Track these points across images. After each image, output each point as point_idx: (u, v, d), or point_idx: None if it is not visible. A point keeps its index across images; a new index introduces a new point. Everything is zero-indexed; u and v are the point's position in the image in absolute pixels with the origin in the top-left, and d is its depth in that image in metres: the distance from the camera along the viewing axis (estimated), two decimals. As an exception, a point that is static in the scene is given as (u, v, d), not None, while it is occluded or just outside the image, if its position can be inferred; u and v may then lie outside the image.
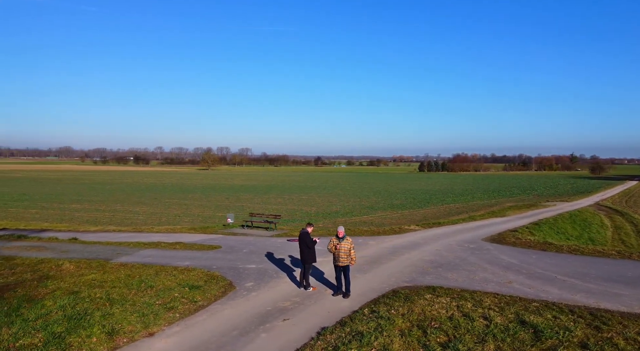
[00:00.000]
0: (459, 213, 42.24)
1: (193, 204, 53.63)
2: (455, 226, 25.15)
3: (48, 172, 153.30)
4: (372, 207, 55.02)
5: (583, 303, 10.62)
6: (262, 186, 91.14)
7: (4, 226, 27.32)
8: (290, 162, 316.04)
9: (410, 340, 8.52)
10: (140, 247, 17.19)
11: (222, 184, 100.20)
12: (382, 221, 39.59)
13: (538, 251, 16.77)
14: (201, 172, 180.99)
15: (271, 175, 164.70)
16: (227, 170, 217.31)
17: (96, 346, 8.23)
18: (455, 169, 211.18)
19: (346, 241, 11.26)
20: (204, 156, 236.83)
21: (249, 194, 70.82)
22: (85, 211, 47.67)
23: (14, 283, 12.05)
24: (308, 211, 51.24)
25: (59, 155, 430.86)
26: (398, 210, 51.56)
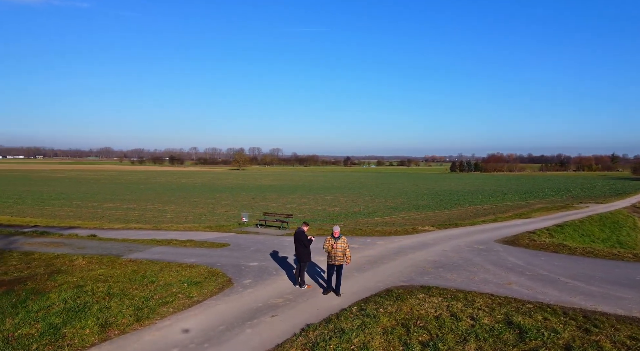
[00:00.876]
0: (485, 214, 41.36)
1: (219, 204, 54.72)
2: (473, 227, 24.69)
3: (87, 172, 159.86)
4: (396, 208, 54.56)
5: (580, 305, 10.43)
6: (288, 186, 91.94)
7: (35, 223, 28.79)
8: (320, 162, 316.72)
9: (392, 338, 8.56)
10: (152, 244, 17.79)
11: (250, 184, 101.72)
12: (404, 221, 39.25)
13: (549, 253, 16.41)
14: (232, 173, 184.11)
15: (299, 175, 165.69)
16: (257, 170, 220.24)
17: (88, 337, 8.62)
18: (488, 169, 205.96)
19: (342, 240, 11.34)
20: (235, 156, 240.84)
21: (274, 194, 71.57)
22: (117, 209, 49.44)
23: (27, 276, 12.69)
24: (331, 211, 51.29)
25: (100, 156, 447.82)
26: (422, 211, 50.91)
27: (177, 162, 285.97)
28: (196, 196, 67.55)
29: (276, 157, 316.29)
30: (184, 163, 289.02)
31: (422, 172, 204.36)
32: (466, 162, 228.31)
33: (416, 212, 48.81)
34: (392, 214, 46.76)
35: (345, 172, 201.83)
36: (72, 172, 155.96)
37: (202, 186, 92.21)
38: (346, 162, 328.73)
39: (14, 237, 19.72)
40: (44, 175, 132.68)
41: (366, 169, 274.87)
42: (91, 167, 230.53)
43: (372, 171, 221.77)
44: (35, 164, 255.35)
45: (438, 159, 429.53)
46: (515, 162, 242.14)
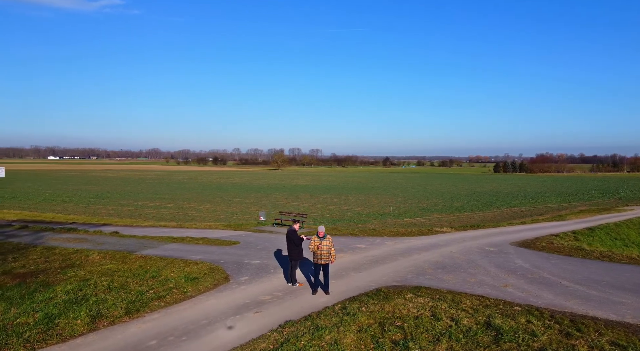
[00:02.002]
0: (520, 217, 39.99)
1: (253, 203, 55.83)
2: (495, 229, 24.03)
3: (134, 172, 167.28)
4: (429, 209, 53.63)
5: (571, 309, 10.19)
6: (323, 186, 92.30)
7: (73, 220, 30.63)
8: (358, 162, 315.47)
9: (365, 336, 8.63)
10: (167, 241, 18.51)
11: (285, 184, 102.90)
12: (432, 223, 38.62)
13: (562, 256, 15.95)
14: (270, 173, 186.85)
15: (335, 175, 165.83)
16: (296, 170, 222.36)
17: (78, 327, 9.13)
18: (534, 170, 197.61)
19: (327, 240, 11.48)
20: (274, 157, 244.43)
21: (307, 194, 72.12)
22: (155, 207, 51.48)
23: (41, 269, 13.49)
24: (360, 211, 51.16)
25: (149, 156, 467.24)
26: (456, 212, 49.84)
27: (219, 162, 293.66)
28: (232, 196, 69.16)
29: (315, 157, 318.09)
30: (226, 164, 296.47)
31: (464, 173, 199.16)
32: (510, 163, 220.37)
33: (449, 213, 47.86)
34: (423, 215, 46.03)
35: (382, 173, 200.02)
36: (121, 173, 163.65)
37: (239, 186, 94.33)
38: (385, 163, 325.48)
39: (43, 233, 20.97)
40: (94, 175, 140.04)
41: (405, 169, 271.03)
42: (139, 167, 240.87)
43: (411, 172, 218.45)
44: (88, 165, 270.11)
45: (482, 160, 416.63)
46: (564, 163, 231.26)
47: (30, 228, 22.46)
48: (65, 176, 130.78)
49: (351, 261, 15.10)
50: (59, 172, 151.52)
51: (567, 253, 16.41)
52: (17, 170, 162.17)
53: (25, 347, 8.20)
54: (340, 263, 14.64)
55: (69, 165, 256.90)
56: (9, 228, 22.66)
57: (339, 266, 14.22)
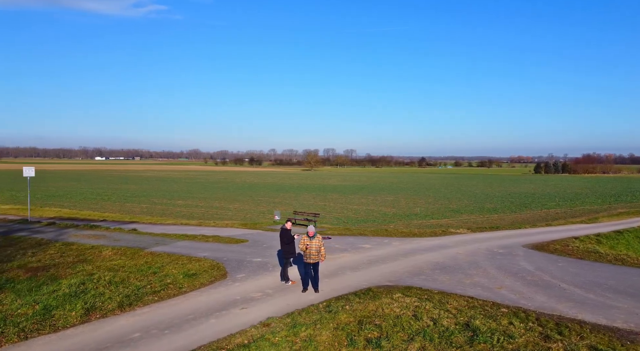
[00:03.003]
0: (553, 219, 38.62)
1: (281, 202, 56.45)
2: (514, 231, 23.49)
3: (173, 172, 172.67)
4: (458, 210, 52.57)
5: (560, 312, 10.04)
6: (353, 187, 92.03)
7: (104, 218, 32.06)
8: (393, 163, 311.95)
9: (340, 333, 8.74)
10: (180, 239, 19.08)
11: (316, 184, 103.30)
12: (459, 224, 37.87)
13: (572, 259, 15.59)
14: (303, 173, 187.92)
15: (367, 176, 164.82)
16: (328, 171, 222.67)
17: (72, 319, 9.62)
18: (577, 170, 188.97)
19: (316, 239, 11.59)
20: (307, 157, 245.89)
21: (336, 194, 72.15)
22: (187, 206, 52.97)
23: (54, 264, 14.17)
24: (387, 212, 50.76)
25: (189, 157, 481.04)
26: (486, 214, 48.61)
27: (255, 163, 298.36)
28: (261, 195, 70.14)
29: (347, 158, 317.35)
30: (261, 164, 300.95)
31: (503, 174, 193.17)
32: (552, 163, 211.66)
33: (478, 215, 46.76)
34: (452, 216, 45.17)
35: (416, 174, 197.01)
36: (161, 172, 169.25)
37: (270, 186, 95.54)
38: (421, 163, 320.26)
39: (67, 229, 21.98)
40: (135, 175, 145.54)
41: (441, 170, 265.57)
42: (178, 167, 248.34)
43: (447, 172, 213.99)
44: (131, 165, 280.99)
45: (524, 160, 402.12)
46: (611, 163, 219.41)
47: (57, 224, 23.71)
48: (108, 175, 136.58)
49: (351, 260, 15.13)
50: (102, 172, 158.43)
51: (578, 256, 16.01)
52: (65, 170, 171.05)
53: (19, 336, 8.75)
54: (339, 262, 14.70)
55: (113, 165, 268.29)
56: (37, 224, 24.02)
57: (337, 265, 14.31)
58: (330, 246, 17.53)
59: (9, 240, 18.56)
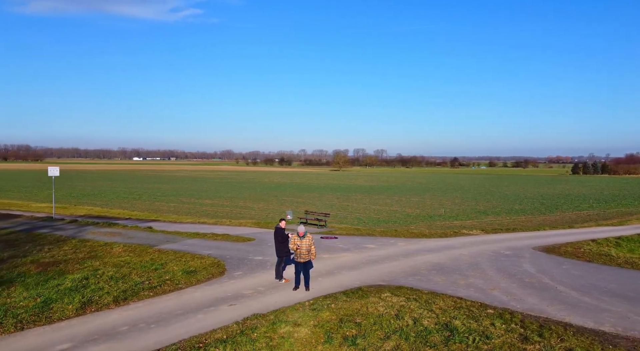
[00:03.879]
0: (583, 221, 37.37)
1: (304, 202, 56.76)
2: (531, 232, 23.26)
3: (205, 172, 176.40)
4: (485, 212, 51.46)
5: (548, 314, 9.98)
6: (379, 187, 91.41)
7: (129, 216, 33.23)
8: (424, 163, 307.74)
9: (320, 330, 8.93)
10: (190, 237, 19.57)
11: (342, 185, 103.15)
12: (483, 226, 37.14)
13: (579, 262, 15.35)
14: (331, 173, 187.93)
15: (396, 176, 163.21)
16: (357, 171, 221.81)
17: (68, 312, 10.07)
18: (618, 171, 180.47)
19: (307, 239, 11.74)
20: (335, 157, 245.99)
21: (360, 195, 71.88)
22: (213, 205, 54.03)
23: (65, 260, 14.78)
24: (410, 213, 50.20)
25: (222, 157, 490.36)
26: (513, 216, 47.39)
27: (285, 163, 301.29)
28: (286, 195, 70.67)
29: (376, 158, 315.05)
30: (291, 164, 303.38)
31: (538, 174, 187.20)
32: (591, 164, 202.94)
33: (505, 216, 45.65)
34: (477, 218, 44.26)
35: (447, 174, 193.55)
36: (193, 172, 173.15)
37: (296, 186, 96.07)
38: (453, 164, 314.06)
39: (86, 227, 22.86)
40: (169, 175, 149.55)
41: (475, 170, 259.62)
42: (210, 167, 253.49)
43: (479, 173, 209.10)
44: (166, 165, 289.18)
45: (563, 160, 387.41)
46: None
47: (78, 222, 24.75)
48: (142, 175, 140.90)
49: (351, 260, 15.19)
50: (138, 172, 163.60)
51: (587, 259, 15.74)
52: (104, 170, 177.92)
53: (16, 326, 9.25)
54: (338, 261, 14.82)
55: (149, 165, 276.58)
56: (60, 222, 25.14)
57: (335, 264, 14.44)
58: (333, 246, 17.61)
59: (31, 237, 19.54)
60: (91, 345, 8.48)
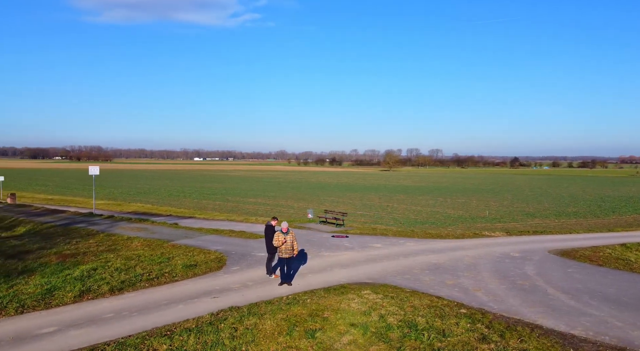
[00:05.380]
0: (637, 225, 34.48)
1: (343, 202, 56.87)
2: (557, 236, 22.99)
3: (257, 172, 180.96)
4: (533, 214, 49.18)
5: (522, 316, 9.90)
6: (426, 188, 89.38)
7: (169, 213, 35.04)
8: (481, 163, 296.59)
9: (285, 324, 9.27)
10: (208, 233, 20.35)
11: (388, 185, 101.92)
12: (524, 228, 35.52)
13: (590, 266, 14.91)
14: (380, 173, 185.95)
15: (448, 177, 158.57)
16: (407, 171, 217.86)
17: (66, 299, 10.90)
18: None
19: (290, 235, 12.06)
20: (385, 157, 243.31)
21: (404, 195, 70.83)
22: (255, 204, 55.48)
23: (84, 252, 15.83)
24: (451, 214, 48.97)
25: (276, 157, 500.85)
26: (563, 218, 44.93)
27: (335, 163, 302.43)
28: (328, 195, 71.04)
29: (432, 158, 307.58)
30: (341, 164, 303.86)
31: (604, 175, 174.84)
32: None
33: (553, 219, 43.41)
34: (522, 220, 42.40)
35: (505, 175, 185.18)
36: (246, 172, 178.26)
37: (341, 186, 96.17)
38: (513, 164, 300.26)
39: (118, 222, 24.27)
40: (222, 174, 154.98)
41: (535, 171, 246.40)
42: (263, 167, 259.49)
43: (540, 174, 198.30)
44: (223, 165, 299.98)
45: (637, 160, 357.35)
46: None
47: (114, 218, 26.40)
48: (198, 175, 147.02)
49: (349, 258, 15.32)
50: (195, 172, 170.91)
51: (600, 263, 15.24)
52: (164, 169, 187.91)
53: (16, 310, 10.18)
54: (336, 259, 15.06)
55: (207, 165, 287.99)
56: (98, 217, 26.93)
57: (331, 262, 14.70)
58: (338, 245, 17.73)
59: (66, 231, 21.15)
60: (73, 329, 9.21)
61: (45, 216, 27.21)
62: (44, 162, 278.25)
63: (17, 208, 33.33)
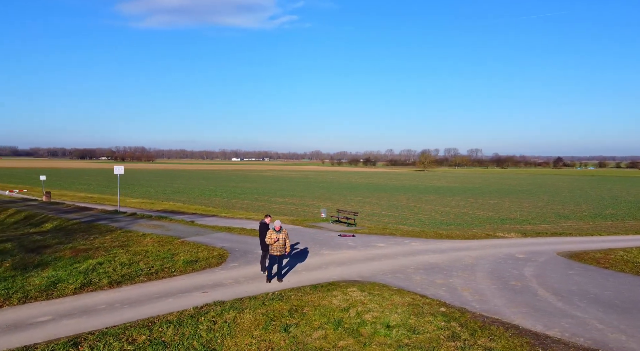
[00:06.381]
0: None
1: (370, 202, 56.63)
2: (576, 238, 22.14)
3: (290, 172, 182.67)
4: (567, 216, 47.45)
5: (501, 316, 9.87)
6: (459, 188, 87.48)
7: (195, 211, 36.11)
8: (522, 163, 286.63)
9: (263, 318, 9.54)
10: (220, 231, 20.81)
11: (420, 185, 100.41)
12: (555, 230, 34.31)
13: (595, 268, 14.63)
14: (414, 174, 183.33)
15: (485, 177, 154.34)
16: (443, 171, 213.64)
17: (67, 291, 11.47)
18: None
19: (282, 233, 12.27)
20: (420, 157, 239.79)
21: (434, 196, 69.70)
22: (282, 203, 56.10)
23: (97, 247, 16.52)
24: (480, 215, 47.92)
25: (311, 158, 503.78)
26: (598, 221, 43.23)
27: (370, 163, 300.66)
28: (356, 195, 70.83)
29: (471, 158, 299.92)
30: (375, 164, 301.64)
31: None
32: None
33: (587, 221, 41.75)
34: (554, 222, 41.02)
35: (546, 175, 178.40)
36: (279, 172, 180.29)
37: (372, 186, 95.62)
38: (556, 164, 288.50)
39: (139, 219, 25.07)
40: (257, 174, 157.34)
41: (579, 171, 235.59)
42: (297, 167, 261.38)
43: (585, 174, 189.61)
44: (259, 165, 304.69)
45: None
46: None
47: (136, 215, 27.35)
48: (233, 175, 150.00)
49: (347, 257, 15.48)
50: (231, 172, 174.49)
51: (606, 266, 14.88)
52: (202, 170, 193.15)
53: (19, 300, 10.80)
54: (334, 258, 15.22)
55: (243, 165, 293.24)
56: (121, 215, 27.96)
57: (329, 260, 14.89)
58: (342, 244, 17.79)
59: (88, 227, 22.14)
60: (66, 318, 9.75)
61: (73, 213, 28.63)
62: (90, 163, 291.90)
63: (50, 205, 35.21)
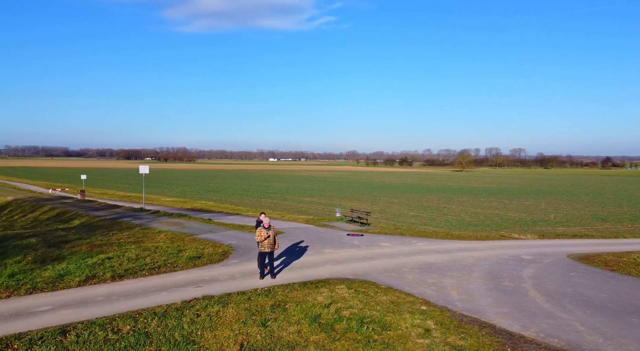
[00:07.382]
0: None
1: (397, 203, 56.01)
2: (595, 240, 21.88)
3: (324, 172, 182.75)
4: (605, 218, 45.38)
5: (482, 316, 9.93)
6: (494, 189, 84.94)
7: (221, 209, 36.85)
8: (568, 163, 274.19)
9: (244, 313, 9.88)
10: (232, 228, 21.30)
11: (454, 186, 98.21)
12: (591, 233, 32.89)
13: (600, 271, 14.40)
14: (451, 174, 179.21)
15: (525, 178, 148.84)
16: (482, 172, 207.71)
17: (72, 283, 12.11)
18: None
19: (271, 231, 12.47)
20: (458, 157, 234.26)
21: (467, 197, 68.11)
22: (310, 203, 56.37)
23: (111, 243, 17.25)
24: (512, 216, 46.57)
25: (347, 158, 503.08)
26: (638, 223, 40.78)
27: (406, 163, 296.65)
28: (386, 195, 70.19)
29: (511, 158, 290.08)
30: (412, 165, 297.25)
31: None
32: None
33: (626, 224, 40.00)
34: (589, 224, 39.29)
35: (592, 176, 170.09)
36: (313, 172, 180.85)
37: (404, 187, 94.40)
38: (605, 164, 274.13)
39: (160, 217, 25.86)
40: (290, 174, 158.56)
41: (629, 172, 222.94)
42: (331, 167, 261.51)
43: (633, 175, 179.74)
44: (294, 165, 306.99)
45: None
46: None
47: (158, 213, 28.25)
48: (268, 175, 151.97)
49: (347, 256, 15.61)
50: (266, 172, 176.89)
51: (613, 268, 14.62)
52: (240, 169, 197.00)
53: (27, 291, 11.52)
54: (333, 256, 15.39)
55: (279, 165, 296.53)
56: (145, 212, 28.82)
57: (327, 259, 15.08)
58: (346, 243, 17.84)
59: (111, 224, 23.09)
60: (64, 309, 10.35)
61: (101, 210, 30.00)
62: (135, 163, 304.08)
63: (82, 203, 37.00)
